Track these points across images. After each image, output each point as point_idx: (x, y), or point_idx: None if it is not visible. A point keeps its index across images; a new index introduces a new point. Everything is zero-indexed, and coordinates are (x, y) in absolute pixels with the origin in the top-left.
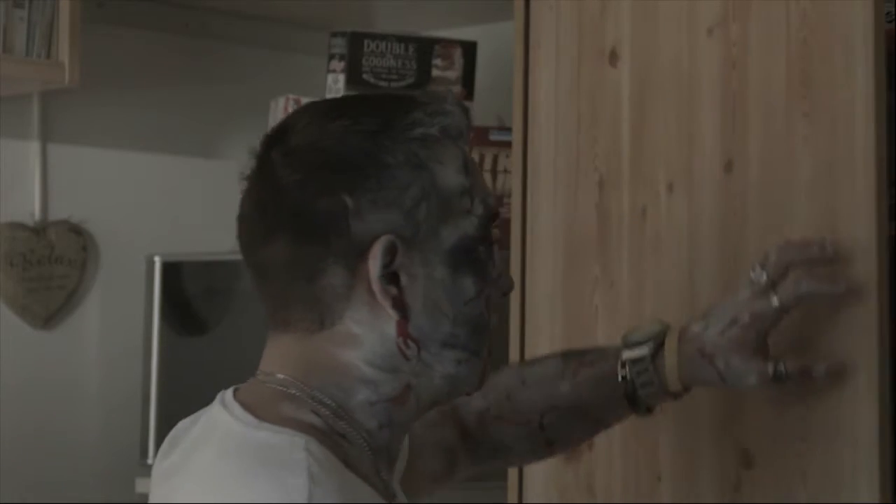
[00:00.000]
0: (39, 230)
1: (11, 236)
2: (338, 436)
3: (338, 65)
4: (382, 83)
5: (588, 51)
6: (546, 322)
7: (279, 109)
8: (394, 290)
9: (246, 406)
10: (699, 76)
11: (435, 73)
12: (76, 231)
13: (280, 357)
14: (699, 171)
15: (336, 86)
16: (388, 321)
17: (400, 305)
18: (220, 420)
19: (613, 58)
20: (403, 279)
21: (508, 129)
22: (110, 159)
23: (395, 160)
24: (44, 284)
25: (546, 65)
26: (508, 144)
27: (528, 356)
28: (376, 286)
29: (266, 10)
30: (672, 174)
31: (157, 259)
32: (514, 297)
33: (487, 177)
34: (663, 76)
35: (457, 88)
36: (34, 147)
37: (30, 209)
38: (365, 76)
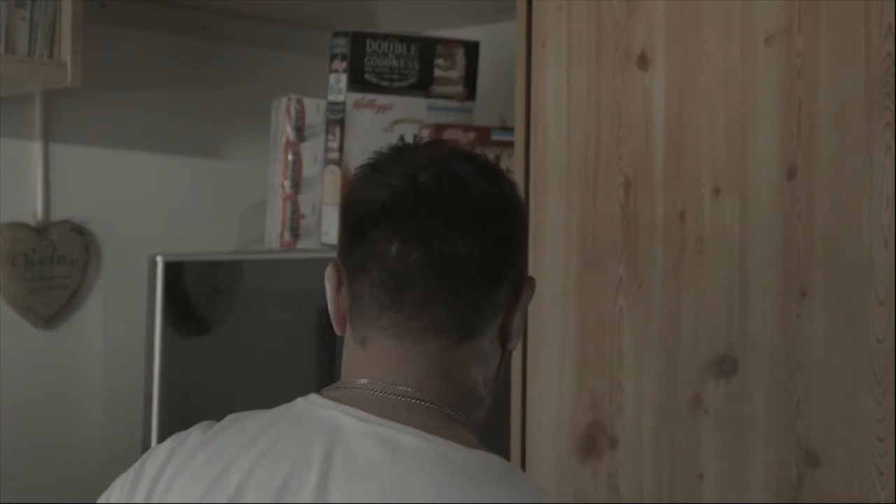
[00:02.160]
0: (41, 230)
1: (13, 236)
2: None
3: (340, 65)
4: (385, 83)
5: (609, 52)
6: (558, 321)
7: (281, 110)
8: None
9: (426, 430)
10: (754, 85)
11: (437, 72)
12: (78, 231)
13: (417, 364)
14: (754, 176)
15: (338, 86)
16: (498, 349)
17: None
18: (402, 441)
19: (643, 61)
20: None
21: (511, 130)
22: (113, 159)
23: (525, 214)
24: (46, 284)
25: (553, 65)
26: (510, 144)
27: (531, 353)
28: (521, 315)
29: (267, 11)
30: (719, 179)
31: (159, 259)
32: None
33: None
34: (709, 83)
35: (459, 88)
36: (36, 147)
37: (32, 209)
38: (367, 76)
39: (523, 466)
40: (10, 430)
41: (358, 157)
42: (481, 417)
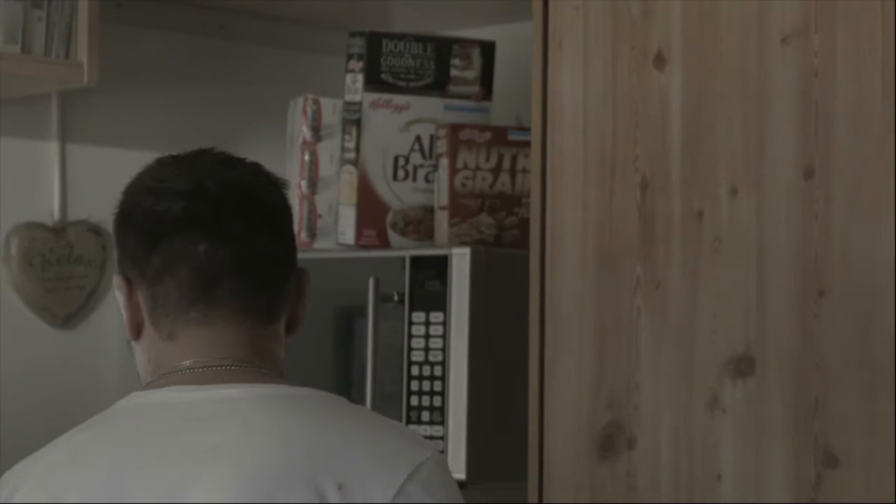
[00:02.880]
0: (58, 230)
1: (31, 236)
2: None
3: (356, 65)
4: (401, 83)
5: (625, 52)
6: (575, 321)
7: (297, 110)
8: None
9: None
10: (770, 84)
11: (453, 72)
12: (95, 231)
13: (233, 344)
14: (772, 176)
15: (354, 86)
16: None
17: None
18: (231, 394)
19: (659, 61)
20: None
21: (527, 129)
22: (129, 159)
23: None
24: (63, 284)
25: (570, 65)
26: (527, 144)
27: (548, 353)
28: (305, 304)
29: (283, 11)
30: (736, 179)
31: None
32: (532, 295)
33: (505, 177)
34: (725, 83)
35: (475, 88)
36: (53, 147)
37: (49, 209)
38: (383, 76)
39: (541, 466)
40: (29, 429)
41: (374, 156)
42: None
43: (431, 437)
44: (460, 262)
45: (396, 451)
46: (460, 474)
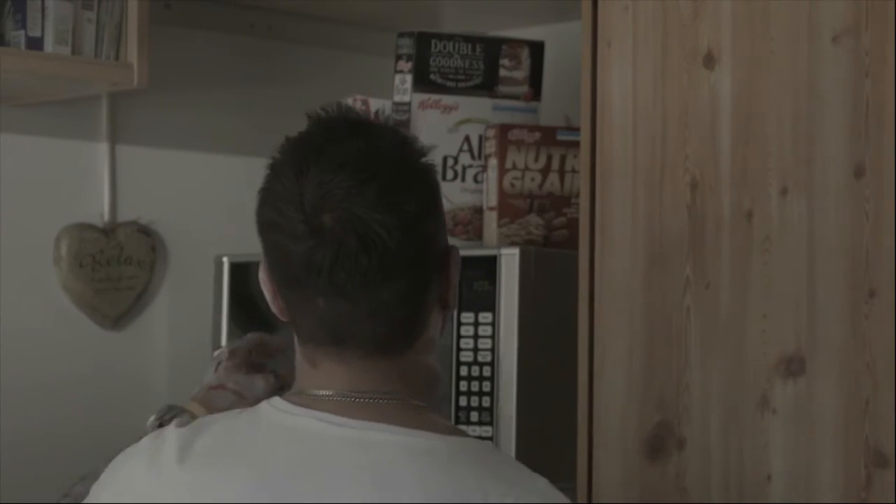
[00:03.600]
0: (108, 231)
1: (81, 237)
2: None
3: (405, 65)
4: (450, 83)
5: (675, 52)
6: (624, 321)
7: None
8: None
9: (396, 423)
10: (821, 83)
11: (502, 73)
12: (145, 232)
13: (373, 379)
14: (822, 176)
15: (403, 86)
16: (440, 320)
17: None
18: (383, 440)
19: (709, 60)
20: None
21: (576, 130)
22: (179, 160)
23: (435, 179)
24: (113, 285)
25: (619, 65)
26: (576, 144)
27: (597, 353)
28: (452, 292)
29: (332, 11)
30: (786, 178)
31: (225, 260)
32: (582, 295)
33: (554, 177)
34: (776, 82)
35: (524, 88)
36: (103, 148)
37: (99, 210)
38: (432, 76)
39: (590, 466)
40: (79, 430)
41: None
42: (441, 387)
43: (480, 438)
44: (509, 262)
45: None
46: None
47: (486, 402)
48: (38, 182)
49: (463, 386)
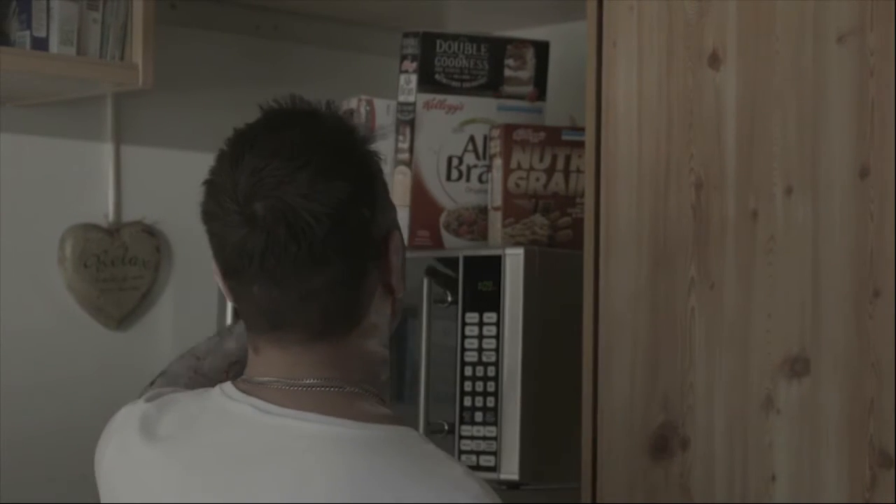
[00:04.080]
0: (113, 231)
1: (85, 237)
2: None
3: (410, 65)
4: (455, 83)
5: (680, 52)
6: (629, 321)
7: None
8: None
9: (324, 412)
10: (826, 83)
11: (507, 73)
12: (149, 232)
13: (311, 364)
14: (827, 176)
15: (408, 86)
16: (387, 304)
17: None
18: (305, 429)
19: (714, 60)
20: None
21: (581, 130)
22: (183, 161)
23: (376, 166)
24: (117, 285)
25: (624, 65)
26: (580, 144)
27: (602, 353)
28: (396, 276)
29: (337, 11)
30: (791, 178)
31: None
32: (586, 295)
33: (559, 177)
34: (781, 82)
35: (529, 88)
36: (108, 149)
37: (103, 210)
38: (437, 76)
39: (594, 466)
40: (82, 430)
41: (428, 157)
42: (388, 372)
43: (485, 438)
44: (514, 262)
45: None
46: (513, 475)
47: (490, 402)
48: (43, 182)
49: (467, 386)
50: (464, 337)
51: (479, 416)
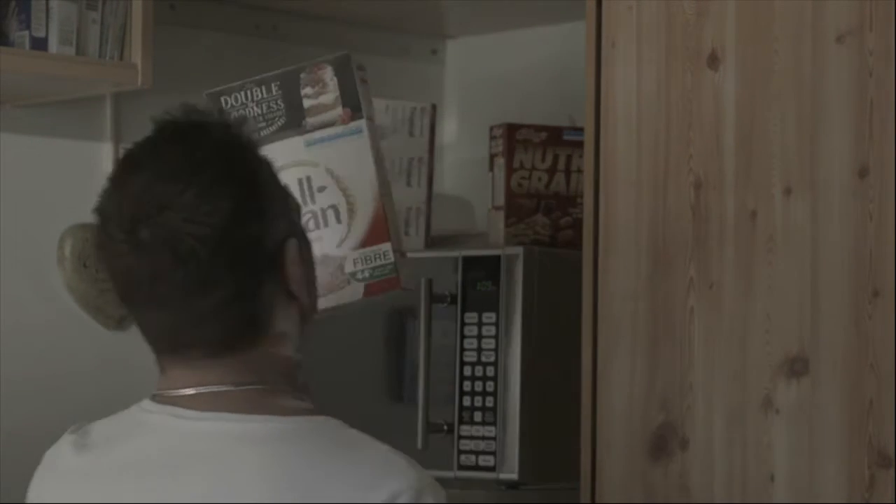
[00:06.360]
0: None
1: (84, 237)
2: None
3: None
4: (254, 136)
5: (679, 52)
6: (628, 321)
7: None
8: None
9: (240, 410)
10: (825, 84)
11: (307, 103)
12: None
13: (220, 374)
14: (826, 176)
15: None
16: (295, 311)
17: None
18: (223, 428)
19: (713, 60)
20: (301, 270)
21: (581, 130)
22: None
23: (266, 176)
24: None
25: (623, 65)
26: (581, 144)
27: (601, 353)
28: (296, 286)
29: (337, 12)
30: (790, 178)
31: None
32: (586, 296)
33: (561, 177)
34: (780, 82)
35: (338, 111)
36: (107, 148)
37: None
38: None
39: (593, 466)
40: None
41: None
42: (304, 376)
43: (484, 438)
44: (512, 262)
45: (375, 486)
46: (513, 474)
47: (489, 402)
48: (42, 182)
49: (466, 386)
50: (463, 337)
51: (478, 416)
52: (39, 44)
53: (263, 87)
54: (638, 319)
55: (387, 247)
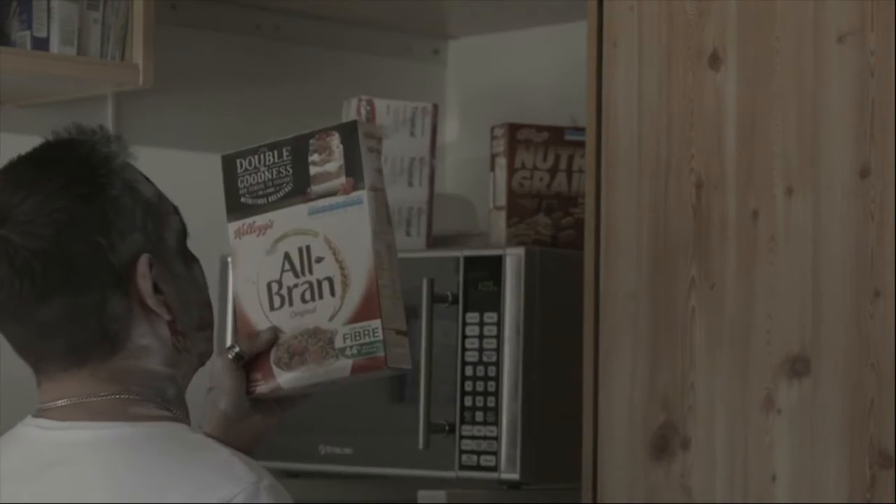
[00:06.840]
0: None
1: None
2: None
3: None
4: (261, 201)
5: (680, 52)
6: (629, 321)
7: (352, 110)
8: (161, 298)
9: (97, 419)
10: (826, 84)
11: (313, 170)
12: None
13: (81, 386)
14: (827, 176)
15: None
16: (162, 326)
17: (168, 309)
18: (77, 437)
19: (715, 60)
20: (162, 286)
21: (583, 130)
22: (184, 161)
23: (118, 191)
24: None
25: (624, 65)
26: (583, 144)
27: (602, 353)
28: (151, 301)
29: (338, 12)
30: (791, 178)
31: (230, 260)
32: (587, 295)
33: (562, 177)
34: (781, 82)
35: (340, 180)
36: None
37: None
38: (243, 199)
39: (595, 466)
40: None
41: (248, 291)
42: (182, 381)
43: (485, 438)
44: (514, 262)
45: (214, 486)
46: (513, 475)
47: (490, 402)
48: None
49: (468, 386)
50: (464, 337)
51: (479, 416)
52: (41, 44)
53: (275, 152)
54: (639, 319)
55: (376, 324)
